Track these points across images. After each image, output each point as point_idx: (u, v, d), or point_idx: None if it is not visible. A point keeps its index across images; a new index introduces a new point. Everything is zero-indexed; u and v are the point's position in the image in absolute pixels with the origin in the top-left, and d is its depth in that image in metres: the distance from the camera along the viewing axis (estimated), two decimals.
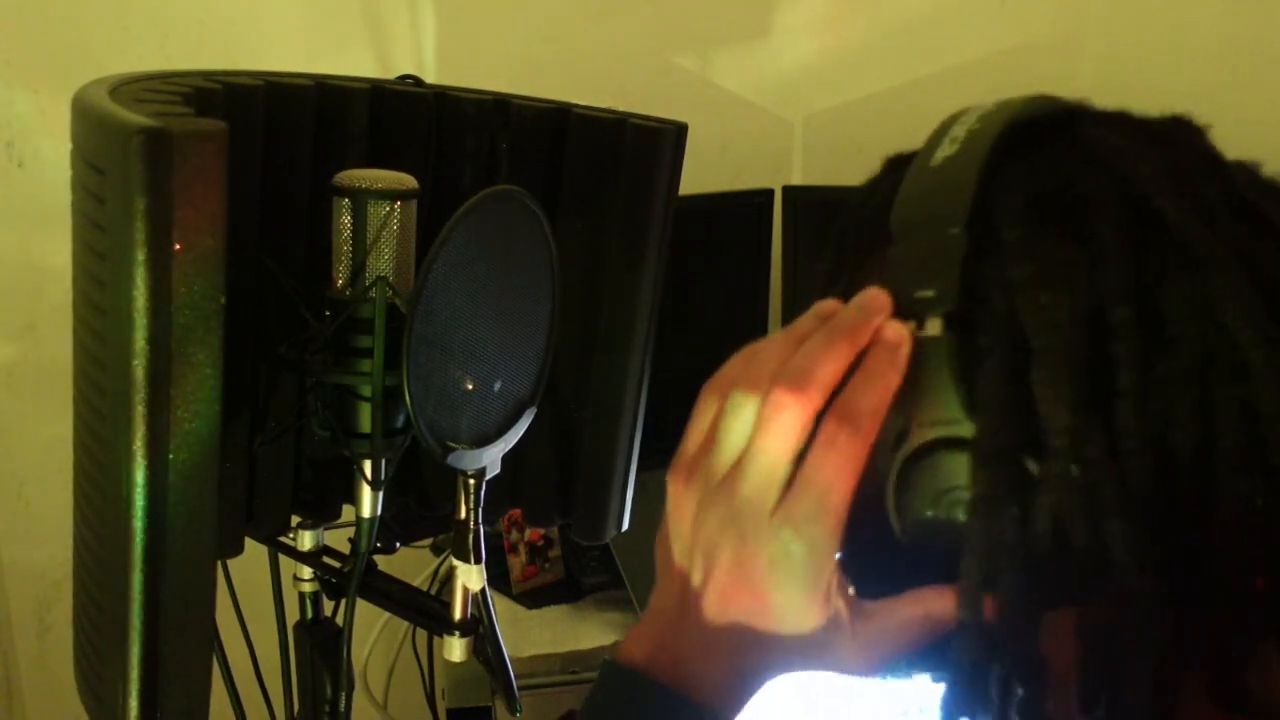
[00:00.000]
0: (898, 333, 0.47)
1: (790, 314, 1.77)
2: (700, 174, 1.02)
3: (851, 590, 0.50)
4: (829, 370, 0.47)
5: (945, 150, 0.50)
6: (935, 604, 0.48)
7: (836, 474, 0.46)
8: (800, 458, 0.47)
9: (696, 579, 0.49)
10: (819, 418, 0.47)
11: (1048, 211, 0.47)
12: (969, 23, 1.92)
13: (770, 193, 1.77)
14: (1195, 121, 0.53)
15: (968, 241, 0.47)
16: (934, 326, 0.47)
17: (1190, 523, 0.45)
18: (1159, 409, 0.45)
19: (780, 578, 0.47)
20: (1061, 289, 0.45)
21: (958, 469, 0.46)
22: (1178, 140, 0.51)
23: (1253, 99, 1.73)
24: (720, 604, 0.48)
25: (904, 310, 0.47)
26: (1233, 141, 0.52)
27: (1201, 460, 0.44)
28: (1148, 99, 0.54)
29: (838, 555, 0.47)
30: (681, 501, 0.50)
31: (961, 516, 0.46)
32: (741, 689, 0.49)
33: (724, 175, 1.85)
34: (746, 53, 1.92)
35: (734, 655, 0.49)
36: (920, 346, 0.47)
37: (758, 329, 1.80)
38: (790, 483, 0.47)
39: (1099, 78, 1.86)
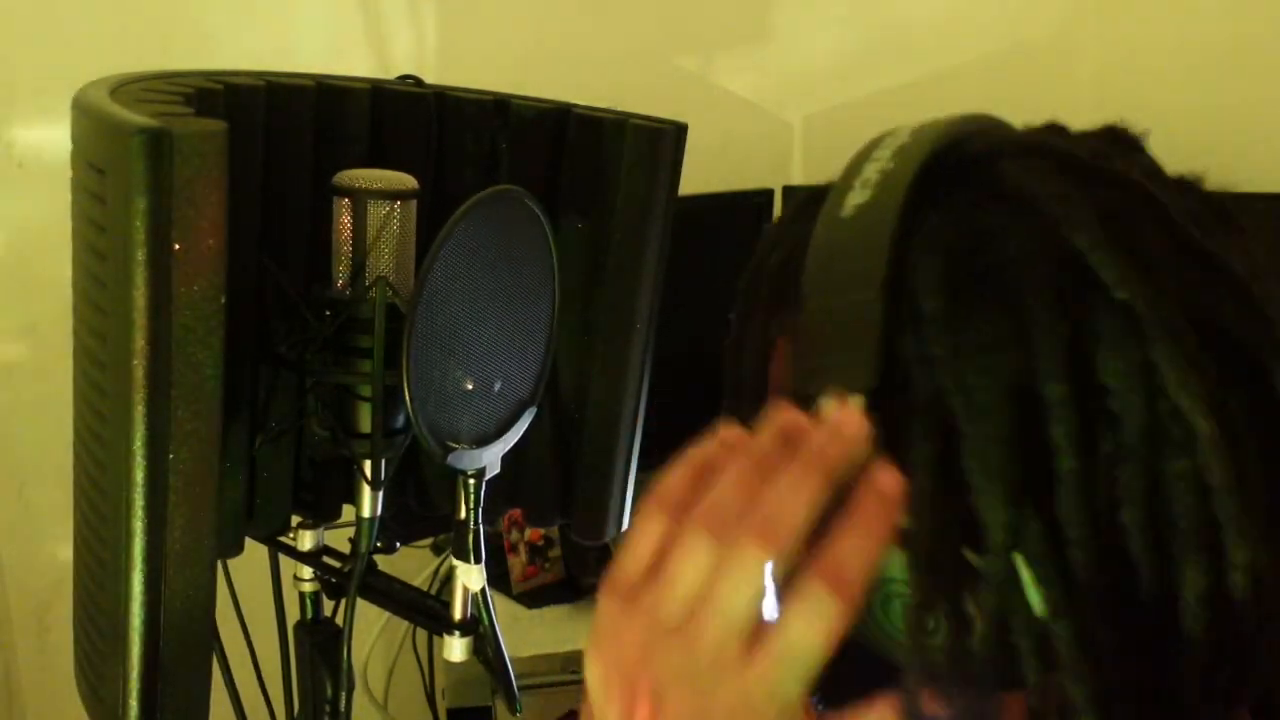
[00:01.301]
0: (892, 484, 0.41)
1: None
2: (700, 174, 1.02)
3: (815, 705, 0.46)
4: (803, 517, 0.41)
5: (857, 196, 0.45)
6: (898, 709, 0.44)
7: (819, 638, 0.41)
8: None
9: (642, 714, 0.45)
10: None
11: (969, 275, 0.43)
12: (969, 23, 1.92)
13: (770, 193, 1.77)
14: (1131, 132, 0.49)
15: (883, 311, 0.42)
16: (855, 406, 0.42)
17: (1147, 607, 0.42)
18: (1105, 490, 0.41)
19: None
20: (989, 367, 0.42)
21: (893, 562, 0.42)
22: (1110, 173, 0.46)
23: (1252, 98, 1.73)
24: None
25: (819, 387, 0.43)
26: (1231, 141, 0.51)
27: (1154, 541, 0.41)
28: (1147, 99, 0.54)
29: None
30: (620, 631, 0.45)
31: (898, 619, 0.43)
32: None
33: (724, 175, 1.85)
34: (746, 53, 1.92)
35: None
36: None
37: None
38: (757, 634, 0.42)
39: (1099, 78, 1.86)
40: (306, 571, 0.84)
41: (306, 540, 0.84)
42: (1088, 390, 0.41)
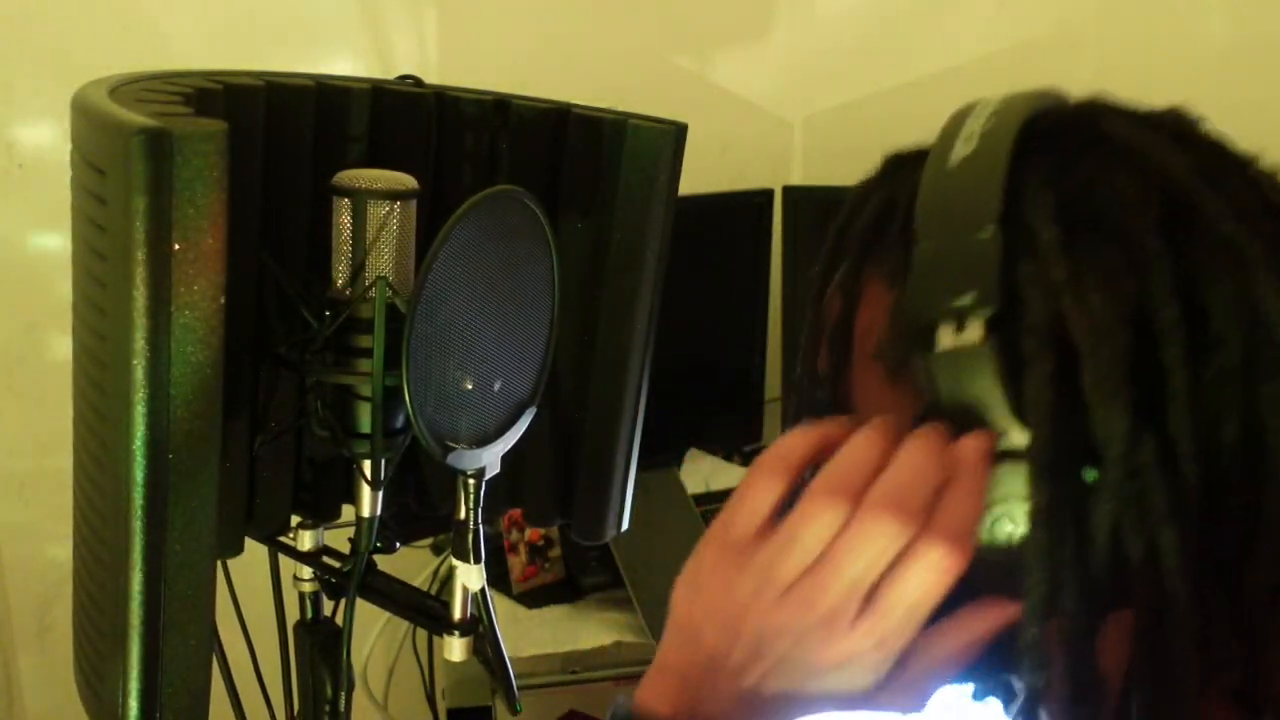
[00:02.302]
0: (981, 445, 0.45)
1: (790, 314, 1.77)
2: (700, 174, 1.02)
3: None
4: (927, 491, 0.46)
5: (962, 149, 0.48)
6: (978, 626, 0.47)
7: (930, 592, 0.45)
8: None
9: (738, 656, 0.48)
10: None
11: (1084, 211, 0.46)
12: (969, 23, 1.92)
13: (770, 193, 1.77)
14: (1192, 113, 0.52)
15: (1002, 243, 0.45)
16: (974, 332, 0.45)
17: (1237, 524, 0.45)
18: (1208, 409, 0.44)
19: (845, 680, 0.47)
20: (1107, 291, 0.44)
21: (1011, 480, 0.45)
22: (1197, 136, 0.50)
23: (1252, 98, 1.73)
24: (770, 684, 0.48)
25: (941, 316, 0.46)
26: (1233, 140, 0.52)
27: (1249, 457, 0.44)
28: (1147, 99, 0.54)
29: None
30: (729, 580, 0.49)
31: (1017, 531, 0.45)
32: None
33: (724, 175, 1.85)
34: (746, 53, 1.92)
35: (776, 716, 0.48)
36: (960, 356, 0.45)
37: (758, 329, 1.80)
38: (874, 593, 0.46)
39: (1099, 78, 1.86)
40: (306, 571, 0.84)
41: (306, 540, 0.84)
42: (1195, 316, 0.44)
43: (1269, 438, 0.44)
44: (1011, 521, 0.45)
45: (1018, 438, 0.45)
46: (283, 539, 0.83)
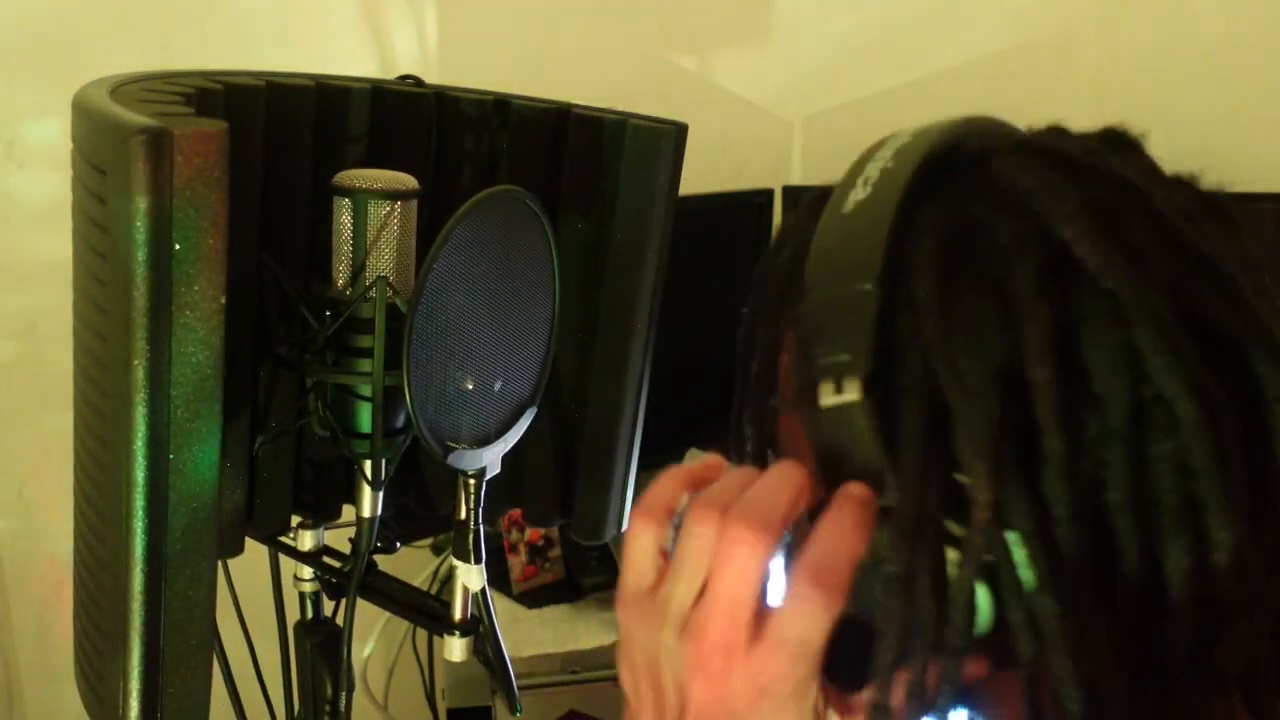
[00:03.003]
0: (864, 490, 0.44)
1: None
2: (700, 174, 1.02)
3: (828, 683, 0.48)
4: (791, 504, 0.45)
5: (859, 194, 0.47)
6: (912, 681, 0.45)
7: (812, 627, 0.43)
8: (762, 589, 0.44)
9: (672, 711, 0.47)
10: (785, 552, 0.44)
11: (960, 263, 0.45)
12: (969, 23, 1.92)
13: (770, 193, 1.77)
14: (1130, 134, 0.50)
15: (880, 298, 0.44)
16: (852, 390, 0.44)
17: (1133, 584, 0.43)
18: (1089, 471, 0.43)
19: (767, 716, 0.45)
20: (977, 349, 0.43)
21: (885, 543, 0.44)
22: (1100, 169, 0.47)
23: (1252, 98, 1.73)
24: None
25: (821, 372, 0.45)
26: (1232, 141, 0.51)
27: (1139, 521, 0.43)
28: (1147, 99, 0.54)
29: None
30: (637, 635, 0.48)
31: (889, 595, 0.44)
32: None
33: (724, 175, 1.85)
34: (746, 53, 1.92)
35: None
36: (840, 413, 0.44)
37: None
38: (761, 620, 0.44)
39: (1099, 78, 1.86)
40: (306, 571, 0.84)
41: (306, 540, 0.84)
42: (1073, 373, 0.43)
43: (1161, 501, 0.42)
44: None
45: (893, 498, 0.43)
46: (283, 539, 0.83)
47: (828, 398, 0.44)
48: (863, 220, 0.46)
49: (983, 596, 0.43)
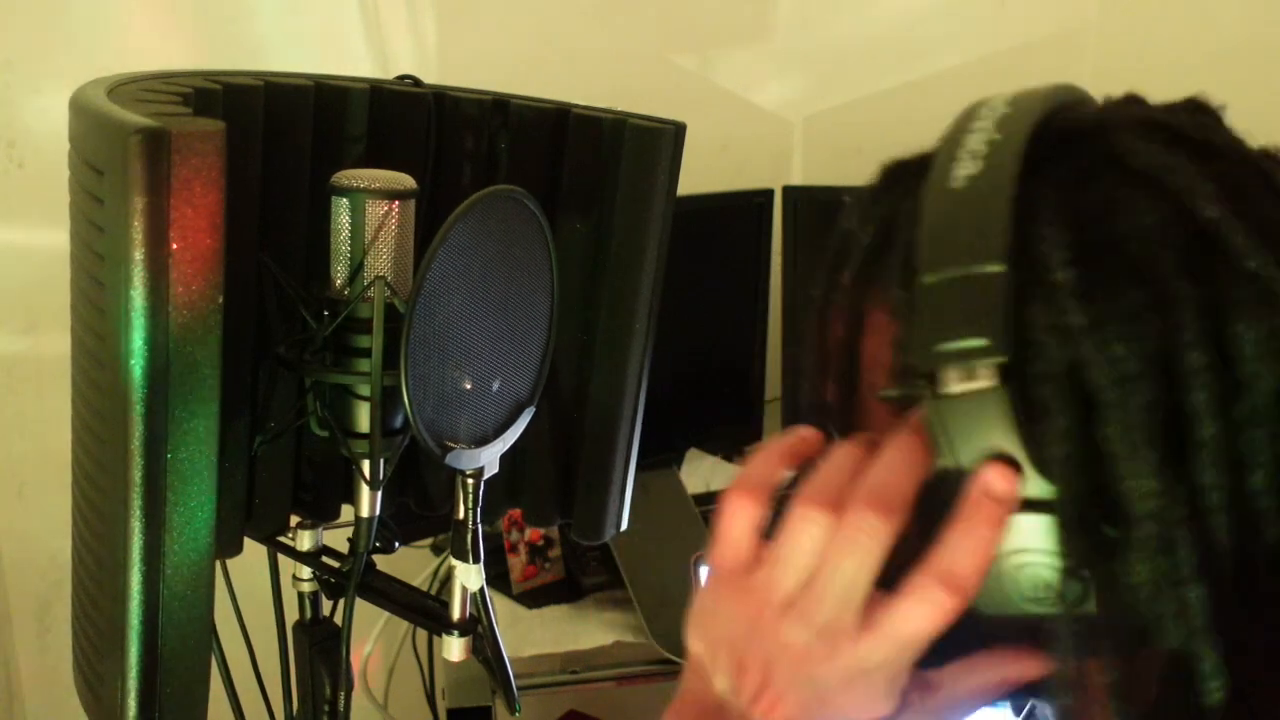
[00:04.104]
0: (1005, 484, 0.42)
1: (790, 314, 1.77)
2: (700, 174, 1.02)
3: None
4: (912, 486, 0.44)
5: (966, 167, 0.45)
6: (1012, 669, 0.46)
7: (925, 625, 0.43)
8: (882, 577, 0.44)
9: (750, 687, 0.47)
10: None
11: (1101, 247, 0.43)
12: (969, 23, 1.92)
13: (770, 193, 1.77)
14: (1210, 104, 0.50)
15: (1011, 282, 0.42)
16: (985, 377, 0.42)
17: (1275, 570, 0.43)
18: (1237, 455, 0.42)
19: (857, 697, 0.45)
20: (1131, 335, 0.42)
21: (1027, 531, 0.43)
22: (1220, 146, 0.47)
23: (1253, 98, 1.73)
24: (783, 712, 0.47)
25: (948, 358, 0.43)
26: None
27: None
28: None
29: None
30: (729, 610, 0.48)
31: (1030, 588, 0.43)
32: None
33: (724, 175, 1.85)
34: (746, 53, 1.92)
35: None
36: (971, 400, 0.42)
37: (758, 329, 1.80)
38: (871, 605, 0.44)
39: (1099, 78, 1.86)
40: (306, 571, 0.84)
41: (306, 540, 0.84)
42: (1222, 357, 0.42)
43: None
44: (1037, 573, 0.43)
45: (1036, 488, 0.42)
46: (282, 539, 0.83)
47: (956, 384, 0.43)
48: (977, 196, 0.44)
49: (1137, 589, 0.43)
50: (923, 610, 0.43)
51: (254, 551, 0.81)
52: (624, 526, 0.87)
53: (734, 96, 1.91)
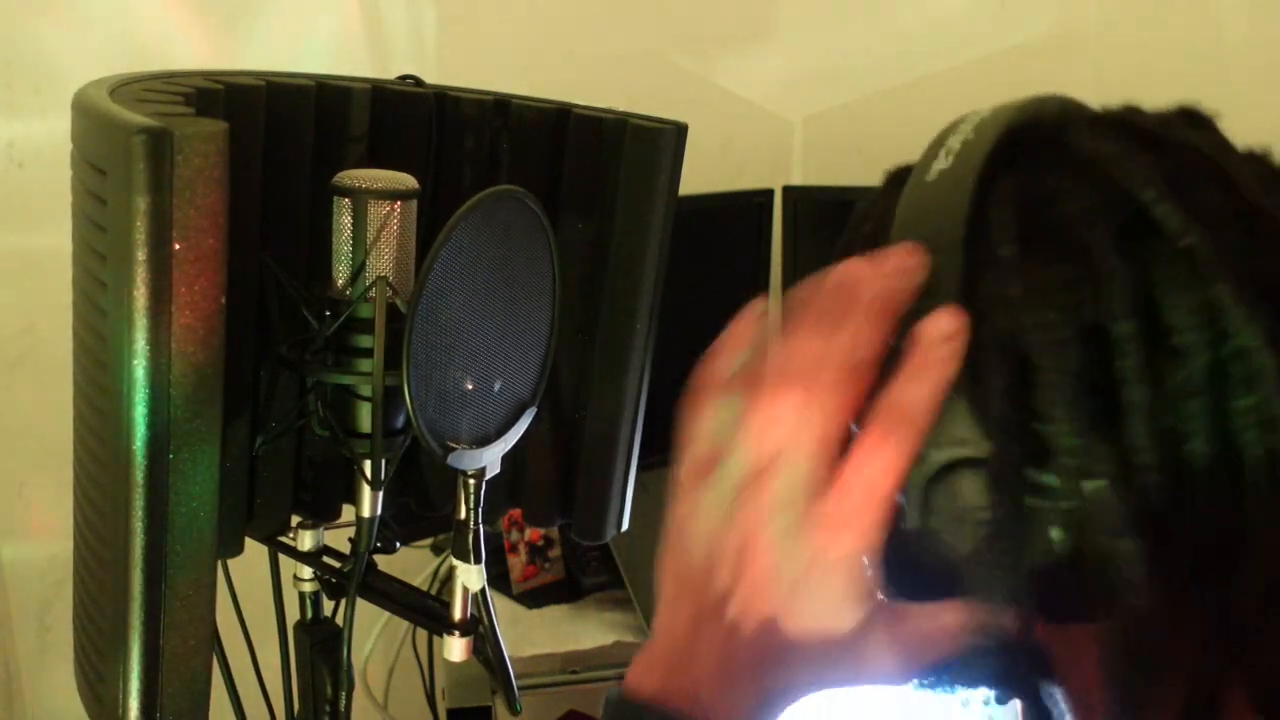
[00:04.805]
0: (948, 322, 0.45)
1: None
2: (700, 174, 1.02)
3: (881, 594, 0.48)
4: (865, 358, 0.45)
5: (940, 164, 0.49)
6: (979, 616, 0.47)
7: (884, 474, 0.44)
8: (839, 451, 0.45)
9: (715, 590, 0.47)
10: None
11: (1042, 226, 0.46)
12: (969, 23, 1.92)
13: (770, 193, 1.77)
14: (1203, 112, 0.51)
15: (965, 259, 0.46)
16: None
17: (1216, 535, 0.44)
18: (1171, 423, 0.43)
19: (815, 582, 0.45)
20: (1061, 305, 0.44)
21: (975, 490, 0.45)
22: (1174, 140, 0.49)
23: (1252, 99, 1.73)
24: (744, 616, 0.46)
25: (904, 329, 0.46)
26: (1234, 142, 0.51)
27: (1223, 473, 0.44)
28: (1147, 100, 0.54)
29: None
30: (695, 508, 0.48)
31: (971, 540, 0.45)
32: (766, 712, 0.48)
33: (724, 175, 1.85)
34: (746, 53, 1.92)
35: (758, 673, 0.47)
36: None
37: None
38: (828, 480, 0.45)
39: (1099, 78, 1.86)
40: (306, 571, 0.84)
41: (306, 540, 0.84)
42: (1154, 329, 0.44)
43: (1246, 454, 0.43)
44: (978, 530, 0.45)
45: (981, 449, 0.45)
46: (283, 539, 0.83)
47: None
48: (944, 187, 0.48)
49: (1061, 545, 0.44)
50: (879, 456, 0.44)
51: (255, 551, 0.81)
52: (624, 526, 0.87)
53: (734, 96, 1.91)
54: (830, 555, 0.45)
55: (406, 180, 0.72)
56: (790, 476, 0.45)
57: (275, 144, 0.71)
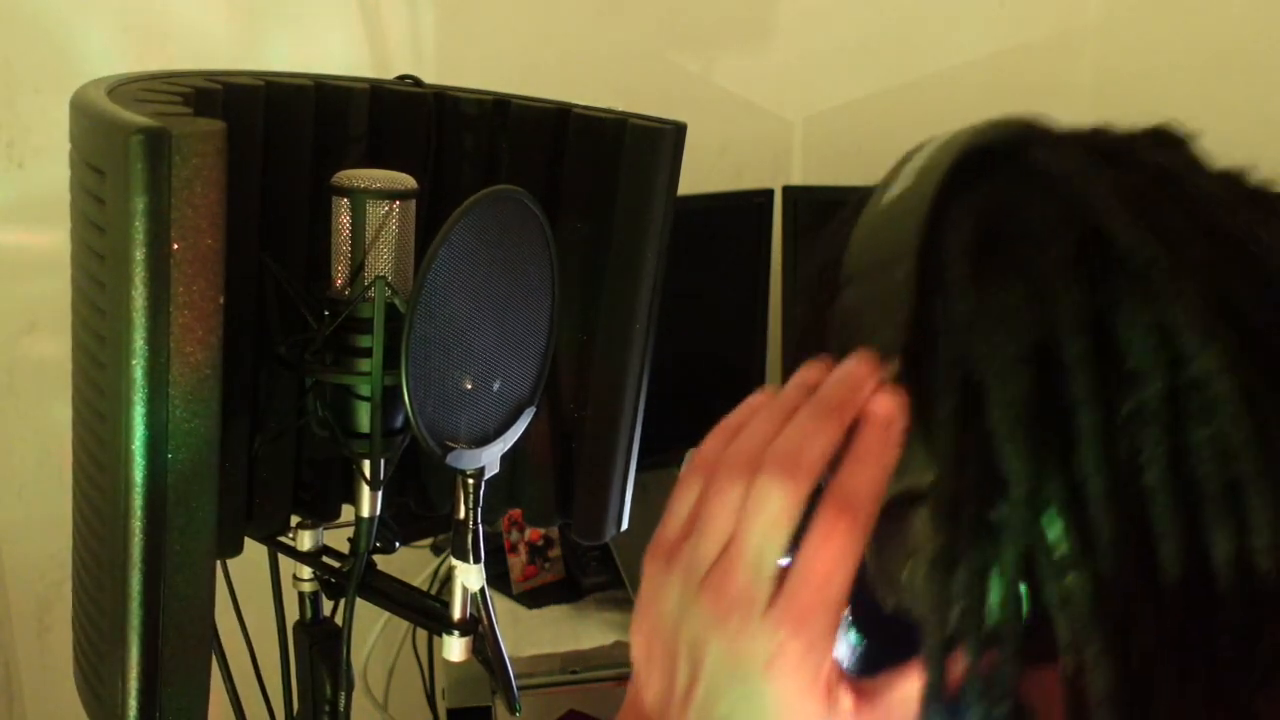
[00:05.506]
0: (888, 407, 0.44)
1: (791, 314, 1.77)
2: (700, 174, 1.02)
3: (850, 668, 0.47)
4: (817, 451, 0.44)
5: (897, 188, 0.48)
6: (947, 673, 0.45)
7: (835, 564, 0.43)
8: (793, 545, 0.43)
9: (683, 679, 0.46)
10: (811, 500, 0.44)
11: (994, 246, 0.45)
12: (969, 23, 1.92)
13: (770, 193, 1.77)
14: (1176, 132, 0.50)
15: (915, 281, 0.44)
16: (893, 369, 0.44)
17: (1174, 570, 0.42)
18: (1125, 453, 0.42)
19: (777, 678, 0.43)
20: (1010, 327, 0.43)
21: (925, 524, 0.43)
22: (1137, 159, 0.48)
23: (1252, 99, 1.73)
24: (710, 706, 0.45)
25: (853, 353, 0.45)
26: (1231, 142, 0.51)
27: (1178, 504, 0.42)
28: (1147, 100, 0.53)
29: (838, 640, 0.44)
30: (662, 592, 0.47)
31: (929, 578, 0.43)
32: None
33: (724, 175, 1.85)
34: (746, 53, 1.92)
35: None
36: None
37: (758, 329, 1.80)
38: (783, 575, 0.43)
39: (1099, 78, 1.86)
40: (306, 571, 0.84)
41: (306, 540, 0.84)
42: (1107, 352, 0.42)
43: (1204, 486, 0.41)
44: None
45: (929, 478, 0.43)
46: (283, 539, 0.83)
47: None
48: (899, 210, 0.47)
49: (1020, 585, 0.43)
50: (823, 543, 0.43)
51: (254, 551, 0.81)
52: (624, 526, 0.87)
53: (734, 96, 1.91)
54: (789, 649, 0.43)
55: (405, 180, 0.72)
56: (746, 570, 0.44)
57: (274, 144, 0.71)
